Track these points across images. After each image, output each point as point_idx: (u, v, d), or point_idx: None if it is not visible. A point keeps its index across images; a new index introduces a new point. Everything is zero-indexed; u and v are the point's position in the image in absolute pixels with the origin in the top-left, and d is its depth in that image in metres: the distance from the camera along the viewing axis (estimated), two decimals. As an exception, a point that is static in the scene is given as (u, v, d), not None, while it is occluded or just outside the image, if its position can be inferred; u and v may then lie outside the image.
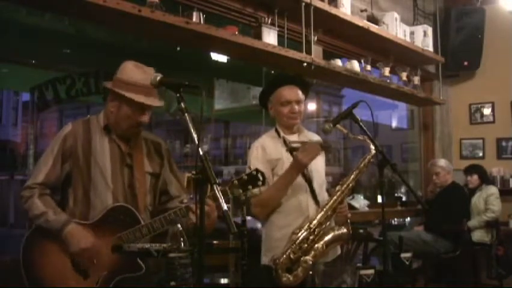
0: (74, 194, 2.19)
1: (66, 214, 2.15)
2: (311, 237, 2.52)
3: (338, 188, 2.61)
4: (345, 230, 2.59)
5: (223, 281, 3.36)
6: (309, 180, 2.64)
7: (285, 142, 2.67)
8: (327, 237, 2.54)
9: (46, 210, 2.11)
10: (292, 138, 2.71)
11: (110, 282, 2.09)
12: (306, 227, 2.53)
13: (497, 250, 4.81)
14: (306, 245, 2.51)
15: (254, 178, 2.03)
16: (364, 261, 3.82)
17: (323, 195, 2.71)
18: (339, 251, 2.81)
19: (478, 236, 4.86)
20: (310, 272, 2.52)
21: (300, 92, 2.70)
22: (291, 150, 2.50)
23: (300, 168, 2.53)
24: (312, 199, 2.65)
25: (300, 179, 2.61)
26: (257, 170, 2.04)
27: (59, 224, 2.09)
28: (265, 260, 2.65)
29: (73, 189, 2.20)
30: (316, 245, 2.52)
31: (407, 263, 2.89)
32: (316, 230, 2.53)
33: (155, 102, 2.20)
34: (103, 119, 2.27)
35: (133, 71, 2.20)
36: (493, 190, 5.07)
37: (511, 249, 4.90)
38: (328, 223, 2.57)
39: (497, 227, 4.88)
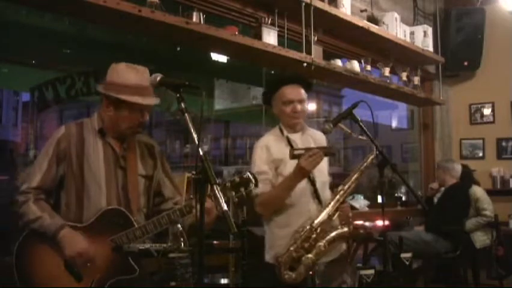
0: (67, 197, 2.18)
1: (61, 218, 2.14)
2: (313, 236, 2.54)
3: (340, 187, 2.64)
4: (346, 229, 2.60)
5: (223, 281, 3.36)
6: (312, 181, 2.66)
7: (289, 141, 2.69)
8: (329, 236, 2.56)
9: (41, 214, 2.10)
10: (296, 136, 2.73)
11: (103, 284, 2.09)
12: (308, 225, 2.55)
13: (497, 250, 4.80)
14: (308, 244, 2.53)
15: (247, 181, 2.03)
16: (364, 261, 3.82)
17: (325, 194, 2.72)
18: (344, 248, 2.82)
19: (481, 241, 4.83)
20: (310, 272, 2.53)
21: (303, 92, 2.71)
22: (294, 157, 2.51)
23: (303, 174, 2.54)
24: (315, 199, 2.67)
25: (303, 180, 2.62)
26: (250, 173, 2.04)
27: (54, 228, 2.08)
28: (268, 257, 2.68)
29: (66, 192, 2.19)
30: (318, 244, 2.53)
31: (407, 263, 2.89)
32: (318, 228, 2.55)
33: (152, 101, 2.19)
34: (97, 122, 2.25)
35: (126, 72, 2.18)
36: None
37: (511, 250, 4.89)
38: (330, 222, 2.59)
39: (497, 227, 4.87)
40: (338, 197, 2.60)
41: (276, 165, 2.65)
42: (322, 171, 2.74)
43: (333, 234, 2.57)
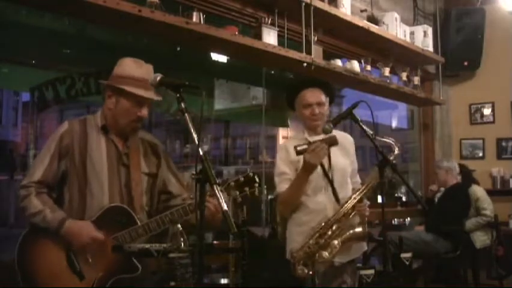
0: (70, 193, 2.18)
1: (63, 211, 2.14)
2: (329, 233, 2.57)
3: (359, 186, 2.69)
4: (361, 229, 2.62)
5: (223, 281, 3.37)
6: (329, 179, 2.69)
7: (309, 143, 2.70)
8: (344, 235, 2.59)
9: (43, 208, 2.11)
10: (318, 139, 2.74)
11: (106, 283, 2.09)
12: (324, 223, 2.59)
13: (497, 250, 4.80)
14: (323, 240, 2.56)
15: (251, 180, 2.04)
16: (364, 261, 3.82)
17: (344, 193, 2.73)
18: (365, 248, 2.85)
19: (481, 241, 4.82)
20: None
21: (321, 95, 2.75)
22: (299, 153, 2.54)
23: (309, 169, 2.56)
24: (333, 197, 2.69)
25: (320, 179, 2.68)
26: (253, 173, 2.06)
27: (57, 221, 2.09)
28: (287, 255, 2.73)
29: (69, 189, 2.19)
30: (332, 242, 2.56)
31: (407, 263, 2.89)
32: (334, 226, 2.58)
33: (153, 95, 2.20)
34: (100, 119, 2.26)
35: (130, 66, 2.21)
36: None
37: (511, 250, 4.89)
38: (348, 221, 2.61)
39: (497, 227, 4.87)
40: (355, 195, 2.63)
41: (295, 166, 2.70)
42: (340, 170, 2.76)
43: (347, 233, 2.59)
